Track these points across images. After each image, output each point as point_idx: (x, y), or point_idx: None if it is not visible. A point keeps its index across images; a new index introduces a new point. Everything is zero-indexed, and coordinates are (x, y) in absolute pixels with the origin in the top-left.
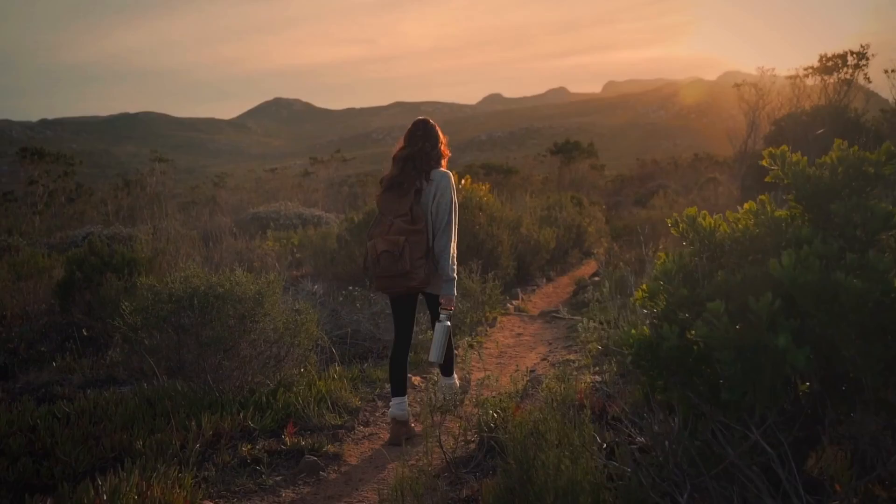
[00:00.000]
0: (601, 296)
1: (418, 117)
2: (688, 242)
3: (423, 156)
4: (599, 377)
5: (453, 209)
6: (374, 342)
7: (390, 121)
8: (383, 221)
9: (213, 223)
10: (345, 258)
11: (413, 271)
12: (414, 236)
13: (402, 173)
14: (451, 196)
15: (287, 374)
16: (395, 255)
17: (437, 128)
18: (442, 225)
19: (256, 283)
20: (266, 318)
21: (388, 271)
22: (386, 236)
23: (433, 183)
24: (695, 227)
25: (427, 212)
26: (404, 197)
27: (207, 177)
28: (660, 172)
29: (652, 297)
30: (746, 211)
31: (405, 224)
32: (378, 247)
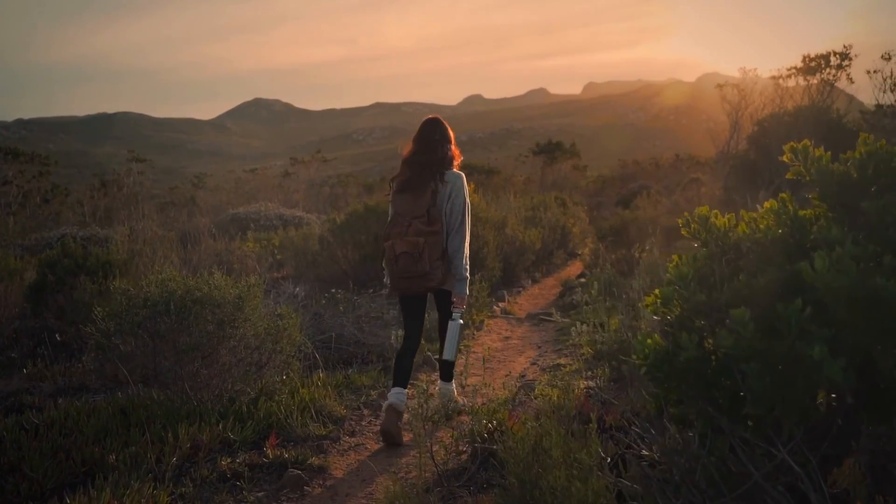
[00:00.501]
0: (590, 298)
1: (429, 116)
2: (700, 244)
3: (439, 160)
4: (593, 382)
5: (467, 210)
6: (358, 347)
7: (371, 121)
8: (400, 222)
9: (192, 224)
10: (327, 260)
11: (432, 272)
12: (432, 237)
13: (417, 176)
14: (465, 197)
15: (269, 382)
16: (414, 257)
17: (448, 127)
18: (456, 225)
19: (236, 287)
20: (246, 323)
21: (407, 272)
22: (405, 238)
23: (448, 185)
24: (708, 227)
25: (442, 213)
26: (421, 198)
27: (186, 177)
28: (641, 173)
29: (665, 303)
30: (767, 210)
31: (423, 225)
32: (397, 248)
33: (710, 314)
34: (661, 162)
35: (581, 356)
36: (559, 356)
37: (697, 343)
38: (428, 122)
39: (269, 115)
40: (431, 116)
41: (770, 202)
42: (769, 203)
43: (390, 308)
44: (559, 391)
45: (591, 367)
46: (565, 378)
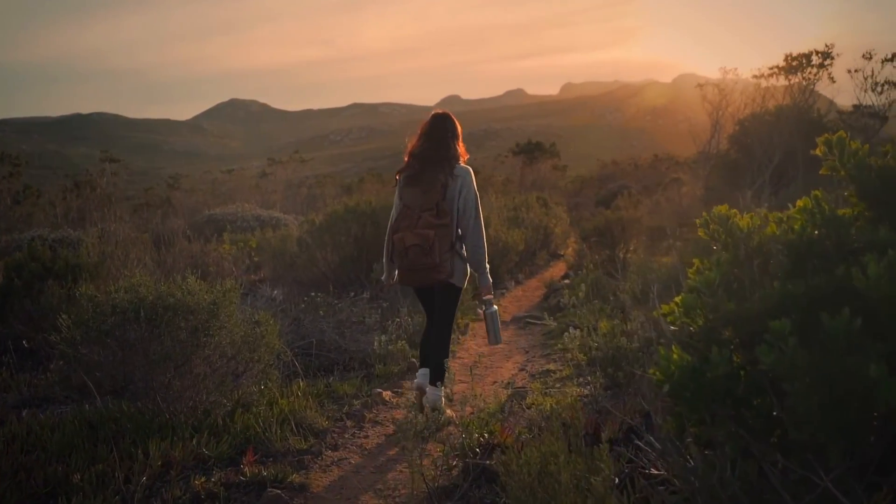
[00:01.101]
0: (577, 300)
1: (437, 111)
2: (720, 246)
3: (447, 157)
4: (585, 389)
5: (478, 203)
6: (339, 353)
7: (348, 122)
8: (409, 215)
9: (167, 226)
10: (306, 262)
11: (441, 264)
12: (442, 230)
13: (426, 170)
14: (475, 190)
15: (246, 392)
16: (424, 249)
17: (457, 122)
18: (471, 220)
19: (211, 292)
20: (222, 330)
21: (416, 264)
22: (415, 230)
23: (458, 179)
24: (729, 228)
25: (453, 207)
26: (430, 192)
27: (162, 178)
28: (620, 173)
29: (688, 313)
30: (799, 209)
31: (433, 218)
32: (406, 240)
33: (741, 325)
34: (640, 162)
35: (571, 361)
36: (548, 361)
37: (728, 358)
38: (437, 116)
39: (245, 116)
40: (440, 111)
41: (803, 200)
42: (802, 201)
43: (372, 312)
44: (553, 400)
45: (582, 372)
46: (556, 385)
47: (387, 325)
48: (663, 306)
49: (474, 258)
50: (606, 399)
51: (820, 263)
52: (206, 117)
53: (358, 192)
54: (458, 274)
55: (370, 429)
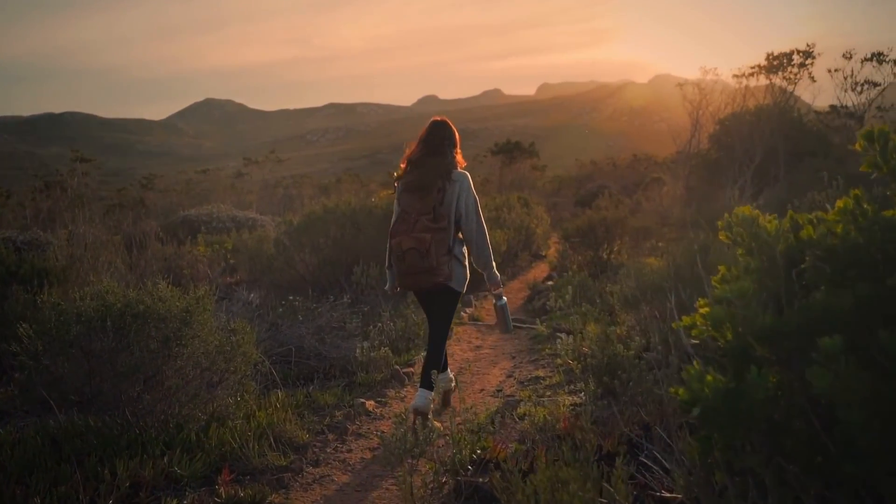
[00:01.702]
0: (563, 303)
1: (435, 118)
2: (744, 252)
3: (444, 163)
4: (577, 397)
5: (478, 206)
6: (319, 360)
7: (325, 122)
8: (406, 220)
9: (139, 227)
10: (283, 264)
11: (439, 267)
12: (438, 234)
13: (424, 177)
14: (474, 194)
15: (221, 405)
16: (421, 252)
17: (455, 130)
18: (473, 223)
19: (183, 299)
20: (195, 340)
21: (414, 268)
22: (411, 234)
23: (456, 184)
24: (756, 231)
25: (451, 211)
26: (427, 197)
27: (136, 179)
28: (599, 173)
29: (716, 326)
30: (840, 211)
31: (429, 222)
32: (404, 244)
33: (778, 342)
34: (618, 162)
35: (560, 367)
36: (536, 367)
37: (768, 380)
38: (435, 123)
39: (221, 116)
40: (439, 118)
41: (843, 200)
42: (842, 202)
43: (353, 317)
44: (545, 410)
45: (573, 379)
46: (546, 393)
47: (368, 330)
48: (684, 318)
49: (480, 259)
50: (600, 408)
51: (865, 272)
52: (180, 117)
53: (335, 192)
54: (457, 278)
55: (353, 442)
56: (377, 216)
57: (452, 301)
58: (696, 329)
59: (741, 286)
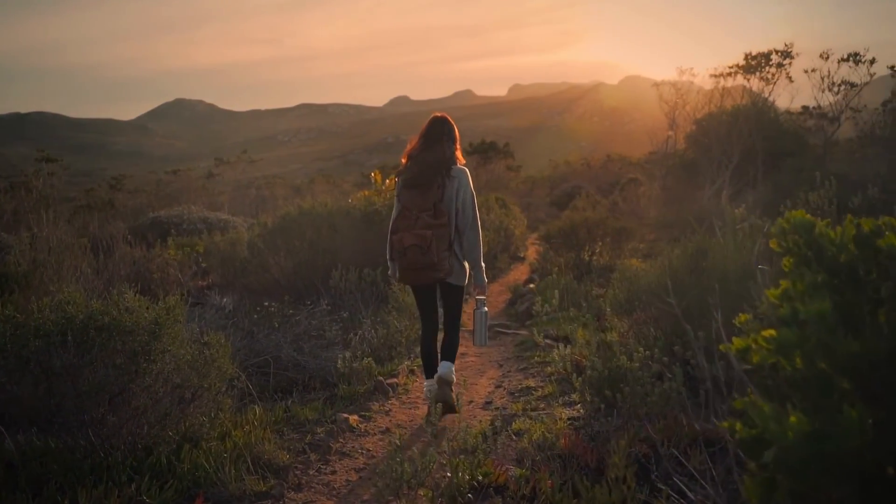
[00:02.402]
0: (549, 308)
1: (435, 114)
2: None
3: (445, 159)
4: (573, 410)
5: (475, 203)
6: (298, 371)
7: (297, 122)
8: (408, 216)
9: (106, 229)
10: (257, 268)
11: (440, 263)
12: (439, 230)
13: (424, 173)
14: (472, 191)
15: (194, 424)
16: (423, 248)
17: (455, 126)
18: (469, 219)
19: (152, 310)
20: (165, 355)
21: (416, 263)
22: (413, 230)
23: (455, 180)
24: (814, 239)
25: (451, 207)
26: (428, 193)
27: (105, 179)
28: (572, 173)
29: (784, 352)
30: None
31: (430, 218)
32: (405, 240)
33: (867, 373)
34: (592, 163)
35: (552, 377)
36: (526, 376)
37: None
38: (435, 119)
39: (191, 116)
40: (439, 115)
41: None
42: None
43: (332, 324)
44: (542, 426)
45: (566, 390)
46: (540, 405)
47: (349, 338)
48: (736, 340)
49: (471, 256)
50: (600, 422)
51: None
52: (150, 117)
53: (308, 193)
54: (458, 273)
55: (337, 462)
56: (354, 218)
57: (457, 295)
58: (757, 355)
59: (820, 307)
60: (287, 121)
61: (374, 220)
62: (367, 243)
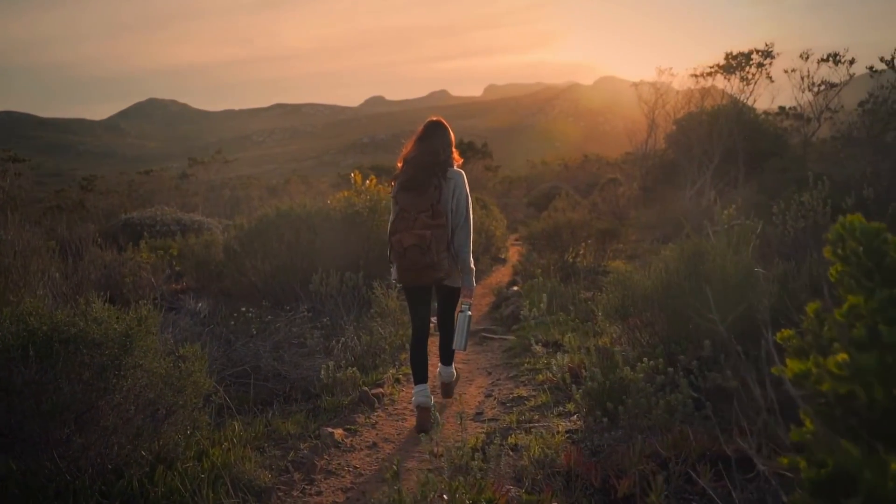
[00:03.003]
0: (537, 312)
1: (431, 118)
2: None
3: (441, 162)
4: (570, 421)
5: (469, 205)
6: (278, 381)
7: (271, 122)
8: (406, 217)
9: (76, 232)
10: (233, 272)
11: (439, 263)
12: (438, 230)
13: (420, 176)
14: (467, 192)
15: (168, 443)
16: (422, 249)
17: (450, 129)
18: (461, 221)
19: (123, 320)
20: (137, 370)
21: (416, 264)
22: (412, 231)
23: (451, 181)
24: (876, 247)
25: (447, 209)
26: (425, 194)
27: (76, 180)
28: (550, 174)
29: (860, 379)
30: None
31: (428, 219)
32: (405, 241)
33: None
34: (569, 163)
35: (544, 385)
36: (516, 385)
37: None
38: (430, 123)
39: (164, 116)
40: (435, 118)
41: None
42: None
43: (314, 331)
44: (540, 441)
45: (560, 399)
46: (534, 416)
47: (331, 346)
48: (792, 363)
49: (460, 256)
50: (601, 436)
51: None
52: (122, 117)
53: (284, 193)
54: (455, 274)
55: (322, 482)
56: (335, 220)
57: (454, 297)
58: (827, 383)
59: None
60: (261, 121)
61: (355, 222)
62: (348, 246)
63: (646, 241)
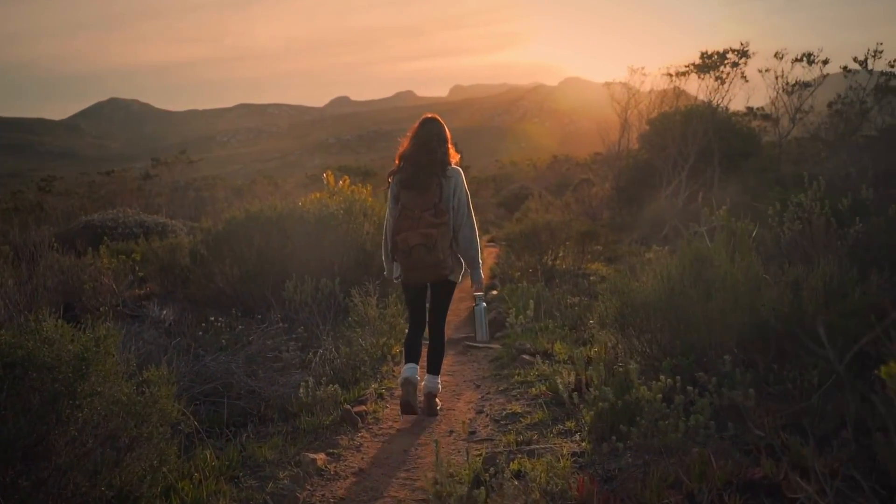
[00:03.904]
0: (524, 319)
1: (426, 115)
2: None
3: (440, 160)
4: (573, 442)
5: (470, 201)
6: (252, 400)
7: (235, 123)
8: (410, 216)
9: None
10: (200, 277)
11: (445, 260)
12: (442, 228)
13: (420, 174)
14: (467, 189)
15: (132, 478)
16: (428, 247)
17: (445, 126)
18: (464, 218)
19: (78, 341)
20: (94, 398)
21: (422, 262)
22: (417, 229)
23: (451, 180)
24: None
25: (449, 207)
26: (427, 193)
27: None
28: (519, 174)
29: None
30: None
31: (433, 218)
32: (410, 240)
33: None
34: (538, 163)
35: (539, 400)
36: (508, 399)
37: None
38: (426, 121)
39: (126, 116)
40: (429, 115)
41: None
42: None
43: (290, 343)
44: (544, 468)
45: (558, 416)
46: (532, 436)
47: (308, 359)
48: None
49: (468, 254)
50: (611, 461)
51: None
52: (83, 117)
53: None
54: (457, 270)
55: None
56: (308, 223)
57: (450, 291)
58: None
59: None
60: (226, 121)
61: (330, 225)
62: (322, 250)
63: (623, 242)
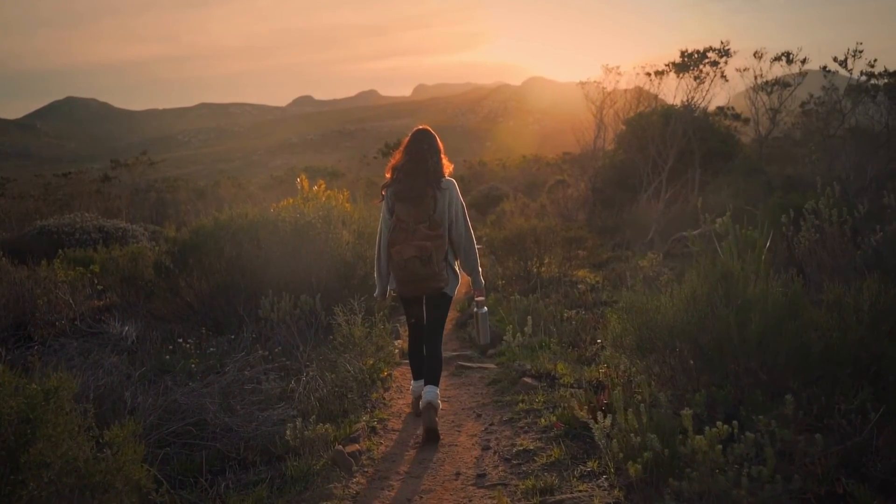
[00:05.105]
0: (522, 336)
1: (418, 127)
2: None
3: (433, 171)
4: (600, 487)
5: (465, 211)
6: (230, 440)
7: (197, 122)
8: (405, 228)
9: None
10: (165, 291)
11: (440, 273)
12: (437, 241)
13: (415, 186)
14: (461, 200)
15: None
16: (423, 260)
17: (437, 137)
18: (462, 229)
19: (22, 394)
20: (43, 469)
21: (416, 275)
22: (412, 242)
23: (446, 192)
24: None
25: (444, 218)
26: (422, 205)
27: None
28: (488, 174)
29: None
30: None
31: (428, 230)
32: (405, 252)
33: None
34: (507, 163)
35: (551, 433)
36: (515, 432)
37: None
38: (418, 133)
39: (84, 115)
40: (421, 127)
41: None
42: None
43: (269, 372)
44: None
45: (575, 455)
46: (552, 480)
47: (290, 388)
48: None
49: (468, 263)
50: None
51: None
52: (39, 116)
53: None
54: (452, 283)
55: None
56: (284, 232)
57: (447, 304)
58: None
59: None
60: (187, 121)
61: (308, 235)
62: (298, 262)
63: (606, 246)
